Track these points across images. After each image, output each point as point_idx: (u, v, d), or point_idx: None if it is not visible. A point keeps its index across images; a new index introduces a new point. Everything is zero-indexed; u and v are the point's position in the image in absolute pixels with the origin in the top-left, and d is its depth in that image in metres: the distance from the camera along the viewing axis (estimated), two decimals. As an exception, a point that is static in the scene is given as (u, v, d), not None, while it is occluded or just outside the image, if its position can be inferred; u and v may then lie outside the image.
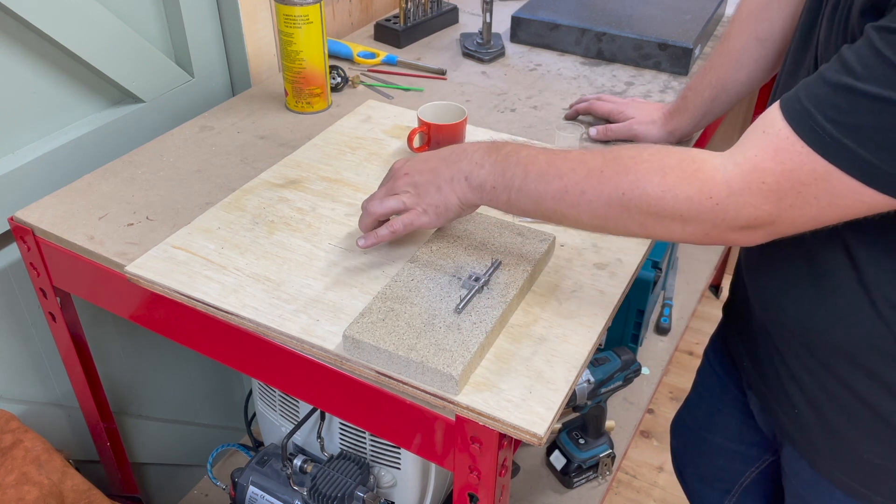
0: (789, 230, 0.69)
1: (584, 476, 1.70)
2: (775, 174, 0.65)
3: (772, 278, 0.85)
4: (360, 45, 1.54)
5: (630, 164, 0.72)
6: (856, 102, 0.60)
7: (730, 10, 1.69)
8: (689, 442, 1.22)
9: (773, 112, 0.66)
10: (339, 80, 1.40)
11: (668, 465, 1.28)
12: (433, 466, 1.24)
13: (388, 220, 0.90)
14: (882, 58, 0.59)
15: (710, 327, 1.14)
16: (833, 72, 0.63)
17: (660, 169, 0.70)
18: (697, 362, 1.18)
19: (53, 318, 1.16)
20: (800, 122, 0.63)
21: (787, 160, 0.64)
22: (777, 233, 0.69)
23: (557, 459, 1.71)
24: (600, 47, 1.51)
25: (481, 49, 1.52)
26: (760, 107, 2.33)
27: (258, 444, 1.48)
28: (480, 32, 1.54)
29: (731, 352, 1.06)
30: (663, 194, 0.70)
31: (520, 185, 0.79)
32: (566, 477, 1.69)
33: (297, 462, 1.26)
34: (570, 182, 0.75)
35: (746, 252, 0.93)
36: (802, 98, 0.64)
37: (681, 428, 1.24)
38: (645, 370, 1.98)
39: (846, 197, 0.63)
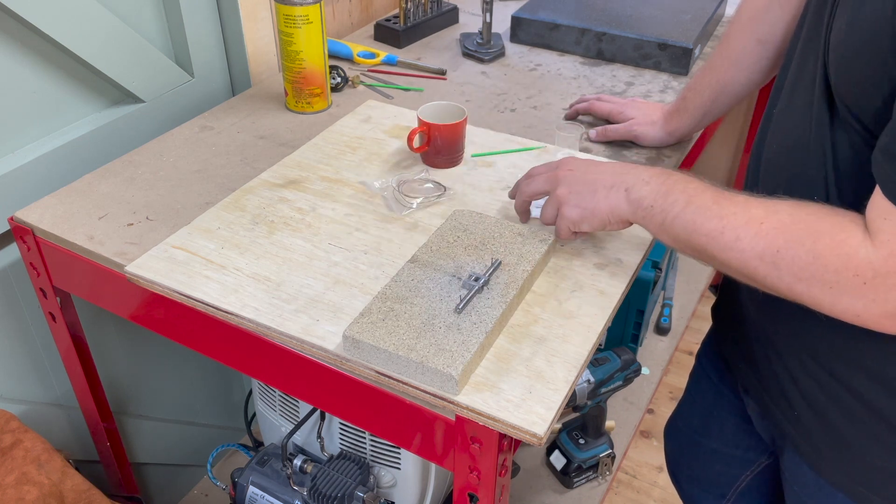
0: None
1: (584, 476, 1.70)
2: None
3: None
4: (360, 45, 1.54)
5: (788, 221, 0.69)
6: None
7: (730, 10, 1.69)
8: (683, 446, 1.22)
9: (881, 201, 0.64)
10: (339, 80, 1.40)
11: (668, 466, 1.28)
12: (433, 466, 1.24)
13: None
14: None
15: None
16: None
17: (813, 232, 0.67)
18: (697, 362, 1.18)
19: (53, 318, 1.16)
20: None
21: None
22: None
23: (557, 459, 1.71)
24: (600, 47, 1.51)
25: (481, 49, 1.52)
26: (760, 107, 2.33)
27: (258, 444, 1.48)
28: (480, 32, 1.54)
29: (724, 355, 1.05)
30: (814, 260, 0.67)
31: (678, 212, 0.78)
32: (566, 477, 1.69)
33: (297, 462, 1.26)
34: (728, 224, 0.73)
35: None
36: None
37: (675, 433, 1.24)
38: (645, 370, 1.98)
39: None
